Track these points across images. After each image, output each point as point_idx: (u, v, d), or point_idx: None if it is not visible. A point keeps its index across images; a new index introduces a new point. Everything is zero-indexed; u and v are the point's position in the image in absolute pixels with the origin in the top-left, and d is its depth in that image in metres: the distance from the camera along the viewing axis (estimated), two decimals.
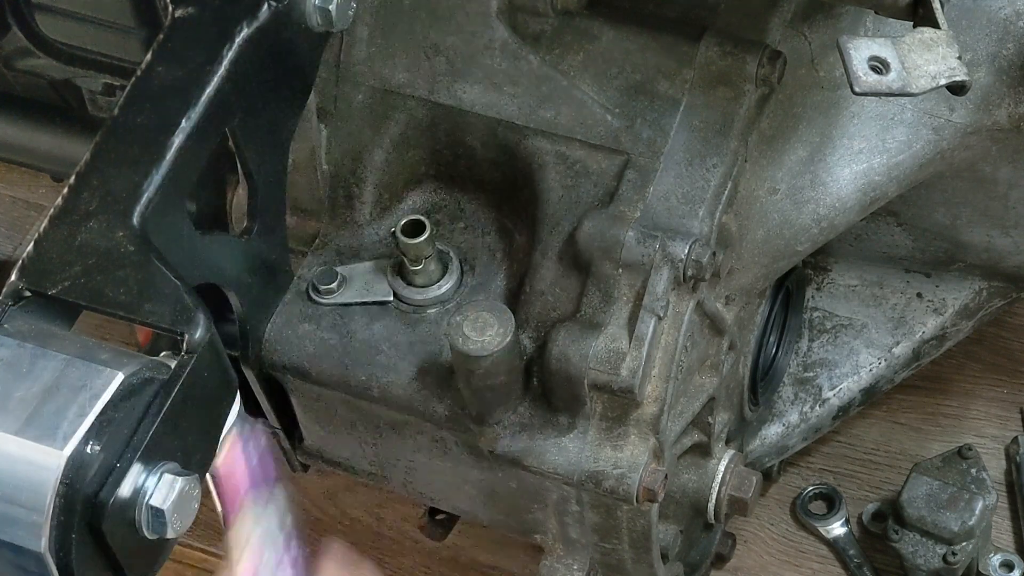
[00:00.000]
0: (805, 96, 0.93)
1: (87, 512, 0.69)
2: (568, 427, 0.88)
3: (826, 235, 0.96)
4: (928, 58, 0.74)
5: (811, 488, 1.26)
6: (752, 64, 0.87)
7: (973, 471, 1.16)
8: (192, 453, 0.75)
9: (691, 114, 0.88)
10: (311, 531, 1.29)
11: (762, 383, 1.12)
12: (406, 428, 0.94)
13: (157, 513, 0.71)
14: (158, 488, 0.71)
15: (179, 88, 0.80)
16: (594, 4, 0.92)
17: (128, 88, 0.81)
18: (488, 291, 0.92)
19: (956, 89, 0.75)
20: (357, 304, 0.92)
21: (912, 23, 0.78)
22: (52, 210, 0.78)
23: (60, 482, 0.68)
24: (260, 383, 0.94)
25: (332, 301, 0.92)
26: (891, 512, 1.17)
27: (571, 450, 0.88)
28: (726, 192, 0.88)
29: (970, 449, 1.18)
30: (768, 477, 1.23)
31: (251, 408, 0.96)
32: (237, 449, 0.77)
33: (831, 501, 1.25)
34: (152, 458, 0.71)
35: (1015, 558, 1.18)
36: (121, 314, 0.76)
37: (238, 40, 0.81)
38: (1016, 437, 1.25)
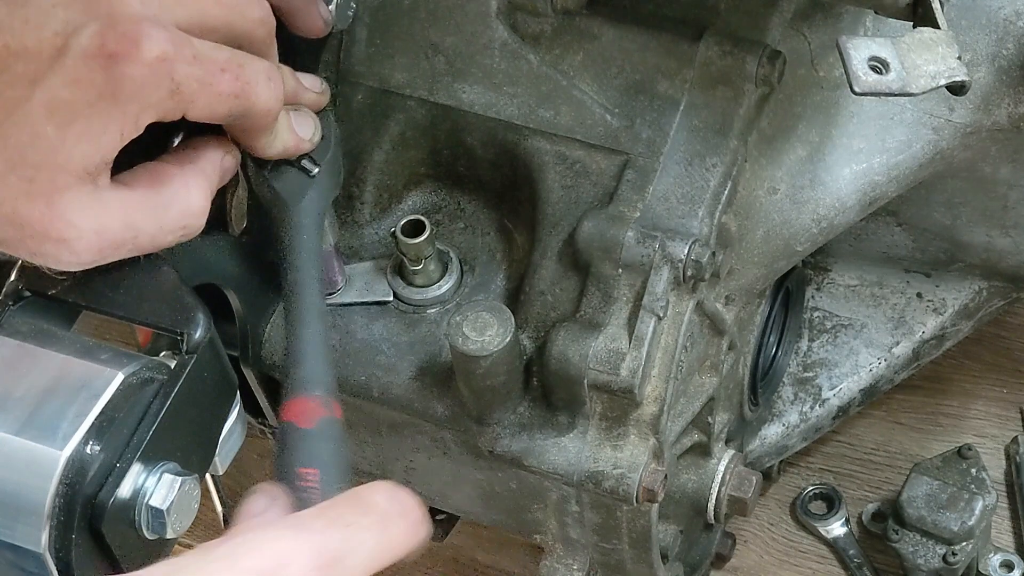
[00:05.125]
0: (805, 96, 0.93)
1: (87, 512, 0.69)
2: (568, 427, 0.88)
3: (826, 235, 0.96)
4: (928, 58, 0.74)
5: (811, 488, 1.26)
6: (752, 64, 0.87)
7: (973, 471, 1.16)
8: (192, 453, 0.75)
9: (691, 114, 0.88)
10: None
11: (762, 383, 1.12)
12: (406, 428, 0.94)
13: (157, 513, 0.71)
14: (158, 488, 0.71)
15: None
16: (594, 4, 0.92)
17: None
18: (488, 291, 0.92)
19: (956, 89, 0.75)
20: (357, 304, 0.92)
21: (912, 23, 0.78)
22: None
23: (60, 482, 0.68)
24: (260, 383, 0.94)
25: (332, 301, 0.92)
26: (891, 512, 1.17)
27: (571, 450, 0.88)
28: (726, 192, 0.88)
29: (970, 449, 1.18)
30: (768, 477, 1.23)
31: (251, 408, 0.96)
32: None
33: (831, 501, 1.25)
34: (152, 458, 0.71)
35: (1015, 558, 1.18)
36: (121, 314, 0.76)
37: None
38: (1016, 437, 1.25)
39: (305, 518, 0.60)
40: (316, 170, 0.81)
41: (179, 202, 0.73)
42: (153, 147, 0.74)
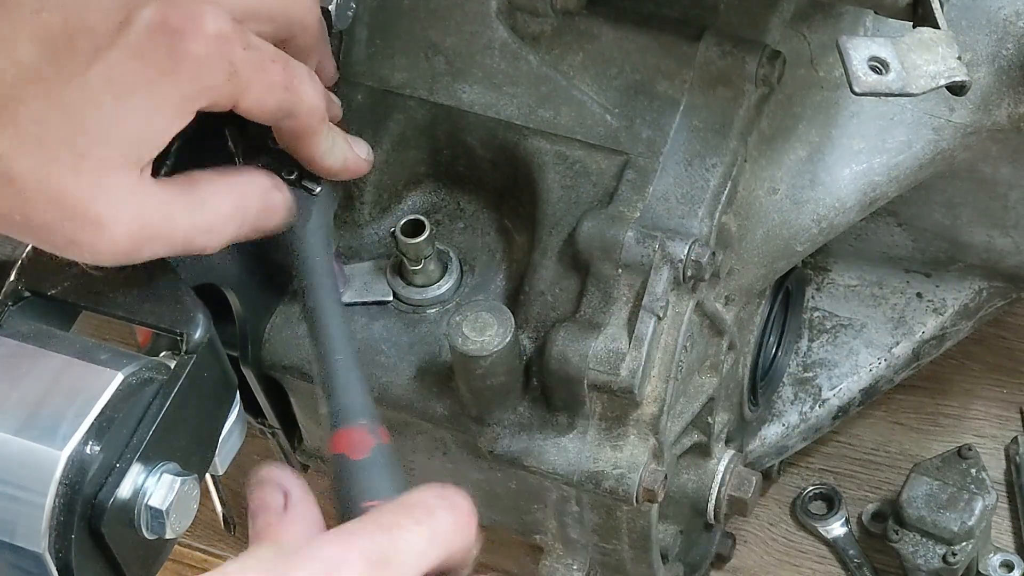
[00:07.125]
0: (805, 96, 0.93)
1: (87, 512, 0.69)
2: (568, 427, 0.88)
3: (826, 235, 0.96)
4: (928, 58, 0.74)
5: (811, 488, 1.26)
6: (752, 64, 0.87)
7: (973, 471, 1.16)
8: (191, 453, 0.75)
9: (691, 114, 0.88)
10: None
11: (762, 383, 1.12)
12: (405, 428, 0.94)
13: (156, 514, 0.71)
14: (157, 488, 0.71)
15: None
16: (594, 4, 0.92)
17: None
18: (488, 291, 0.92)
19: (956, 89, 0.75)
20: (357, 304, 0.92)
21: (912, 23, 0.78)
22: None
23: (60, 483, 0.68)
24: (260, 383, 0.94)
25: None
26: (891, 512, 1.17)
27: (571, 450, 0.88)
28: (726, 192, 0.88)
29: (970, 449, 1.18)
30: (768, 477, 1.23)
31: (251, 408, 0.96)
32: None
33: (831, 501, 1.25)
34: (152, 458, 0.71)
35: (1015, 558, 1.18)
36: (120, 315, 0.76)
37: None
38: (1016, 437, 1.25)
39: (351, 526, 0.61)
40: (319, 188, 0.81)
41: (211, 204, 0.73)
42: None
